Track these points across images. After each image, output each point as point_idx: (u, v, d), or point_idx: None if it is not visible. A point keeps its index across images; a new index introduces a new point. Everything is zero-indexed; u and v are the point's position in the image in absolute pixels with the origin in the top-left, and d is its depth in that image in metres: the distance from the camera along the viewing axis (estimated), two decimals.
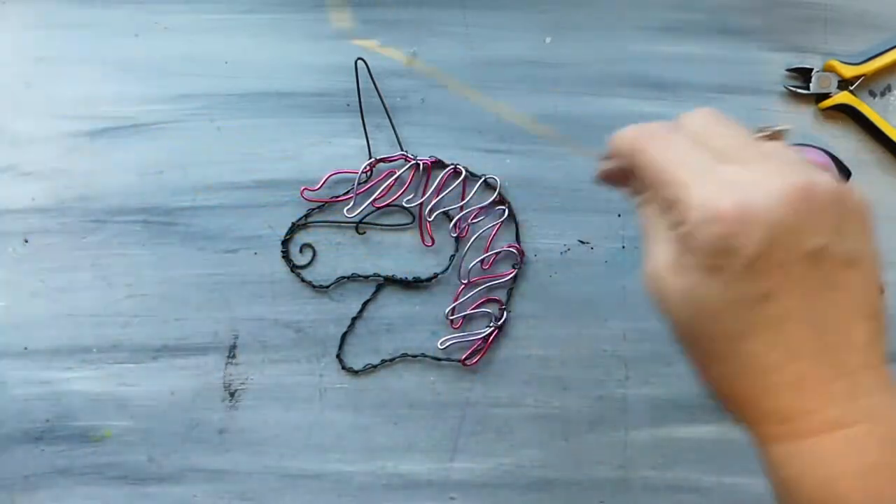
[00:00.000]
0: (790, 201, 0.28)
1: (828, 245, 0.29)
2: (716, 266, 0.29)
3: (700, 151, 0.31)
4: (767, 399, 0.30)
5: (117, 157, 0.51)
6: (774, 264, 0.28)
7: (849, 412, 0.29)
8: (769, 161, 0.30)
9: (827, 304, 0.29)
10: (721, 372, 0.31)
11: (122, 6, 0.52)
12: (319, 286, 0.52)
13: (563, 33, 0.53)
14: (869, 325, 0.30)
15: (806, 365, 0.29)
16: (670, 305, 0.32)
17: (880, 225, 0.55)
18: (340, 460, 0.52)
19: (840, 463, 0.29)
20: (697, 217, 0.29)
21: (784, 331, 0.29)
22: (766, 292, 0.29)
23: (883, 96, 0.53)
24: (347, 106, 0.52)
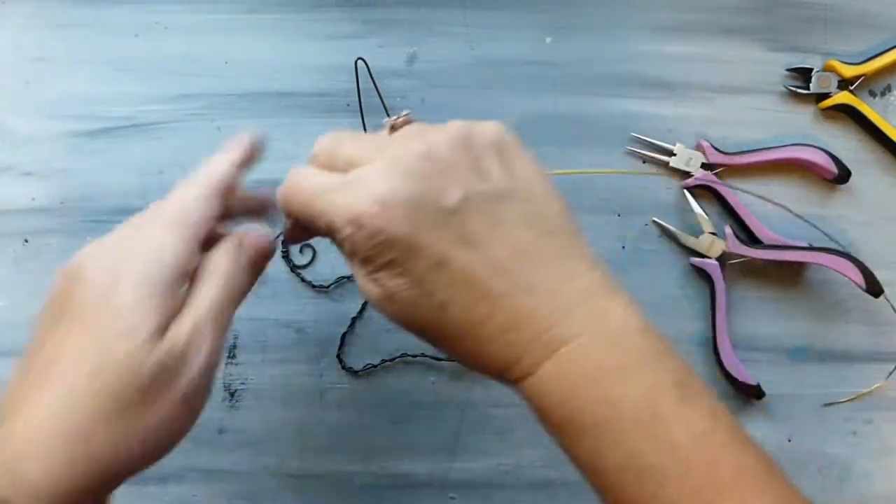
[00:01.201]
0: (411, 174, 0.29)
1: (469, 192, 0.30)
2: (386, 263, 0.30)
3: (327, 174, 0.32)
4: (494, 349, 0.31)
5: (117, 157, 0.51)
6: (430, 235, 0.29)
7: (565, 329, 0.30)
8: (388, 148, 0.31)
9: (497, 242, 0.30)
10: (451, 346, 0.32)
11: (122, 6, 0.52)
12: (319, 286, 0.52)
13: (563, 33, 0.53)
14: (552, 240, 0.31)
15: (508, 302, 0.30)
16: (385, 313, 0.32)
17: (880, 225, 0.55)
18: (340, 460, 0.52)
19: (570, 378, 0.30)
20: (347, 232, 0.30)
21: (472, 283, 0.30)
22: (437, 260, 0.29)
23: (883, 96, 0.53)
24: (347, 106, 0.52)
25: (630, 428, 0.29)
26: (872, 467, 0.54)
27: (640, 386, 0.30)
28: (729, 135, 0.53)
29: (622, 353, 0.30)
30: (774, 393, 0.53)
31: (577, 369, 0.30)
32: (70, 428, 0.28)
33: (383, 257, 0.30)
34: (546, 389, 0.31)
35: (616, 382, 0.30)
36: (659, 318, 0.52)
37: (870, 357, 0.54)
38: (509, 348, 0.31)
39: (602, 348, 0.30)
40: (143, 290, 0.30)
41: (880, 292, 0.50)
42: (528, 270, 0.30)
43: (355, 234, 0.30)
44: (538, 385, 0.31)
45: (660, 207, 0.53)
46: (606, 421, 0.29)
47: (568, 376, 0.30)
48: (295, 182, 0.33)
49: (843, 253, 0.51)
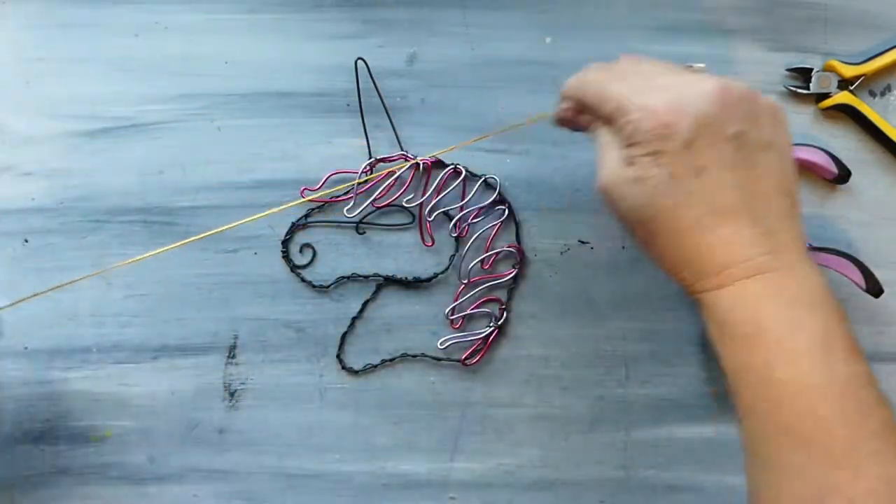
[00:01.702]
0: (711, 97, 0.36)
1: (745, 131, 0.36)
2: (657, 151, 0.36)
3: (633, 75, 0.39)
4: (704, 255, 0.36)
5: (117, 157, 0.51)
6: (704, 145, 0.35)
7: (770, 262, 0.36)
8: (691, 75, 0.38)
9: (751, 178, 0.36)
10: (667, 240, 0.37)
11: (122, 6, 0.52)
12: (319, 286, 0.52)
13: (563, 33, 0.53)
14: (785, 199, 0.37)
15: (734, 225, 0.36)
16: (623, 195, 0.37)
17: (880, 225, 0.55)
18: (340, 460, 0.52)
19: (763, 299, 0.35)
20: (639, 115, 0.36)
21: (715, 198, 0.36)
22: (699, 166, 0.36)
23: (883, 96, 0.53)
24: (347, 106, 0.52)
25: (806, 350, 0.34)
26: None
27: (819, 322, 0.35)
28: None
29: (811, 292, 0.36)
30: None
31: (771, 293, 0.35)
32: None
33: (657, 146, 0.36)
34: (733, 302, 0.36)
35: (804, 312, 0.35)
36: (659, 318, 0.53)
37: (870, 357, 0.53)
38: (719, 259, 0.36)
39: (796, 283, 0.36)
40: None
41: (880, 292, 0.50)
42: (762, 209, 0.36)
43: (644, 119, 0.36)
44: (727, 298, 0.36)
45: None
46: (788, 338, 0.35)
47: (763, 294, 0.35)
48: (599, 71, 0.40)
49: (843, 253, 0.51)
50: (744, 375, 0.36)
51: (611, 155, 0.38)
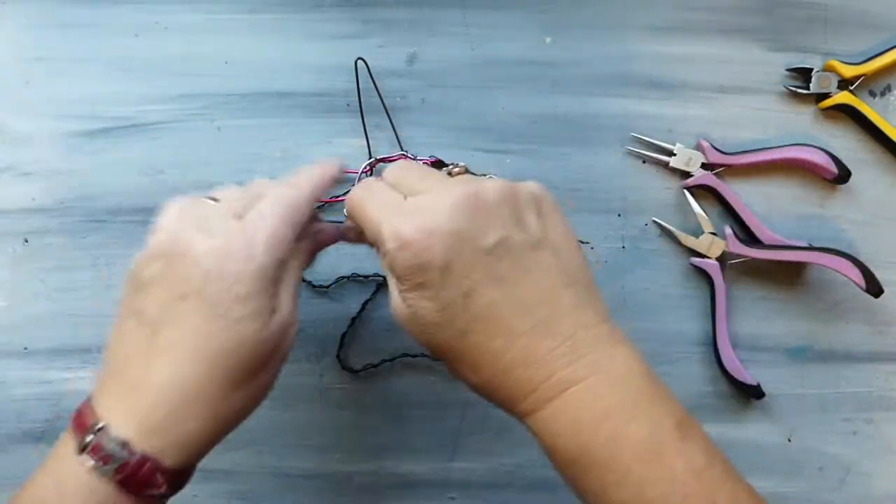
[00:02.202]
0: (459, 211, 0.33)
1: (506, 237, 0.33)
2: (419, 284, 0.33)
3: (391, 194, 0.36)
4: (506, 381, 0.34)
5: (117, 157, 0.51)
6: (463, 265, 0.33)
7: (575, 371, 0.33)
8: (446, 185, 0.35)
9: (525, 286, 0.33)
10: (465, 371, 0.35)
11: (122, 6, 0.52)
12: (319, 286, 0.52)
13: (563, 33, 0.53)
14: (573, 290, 0.34)
15: (526, 341, 0.33)
16: (410, 331, 0.36)
17: (880, 225, 0.55)
18: (340, 460, 0.52)
19: (578, 417, 0.33)
20: (391, 248, 0.33)
21: (495, 318, 0.33)
22: (466, 290, 0.33)
23: (883, 96, 0.53)
24: (347, 106, 0.52)
25: (634, 464, 0.32)
26: (872, 467, 0.54)
27: (643, 425, 0.32)
28: (729, 135, 0.53)
29: (627, 394, 0.33)
30: (774, 393, 0.53)
31: (584, 408, 0.33)
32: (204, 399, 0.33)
33: (417, 278, 0.33)
34: (554, 427, 0.34)
35: (621, 421, 0.32)
36: (659, 318, 0.53)
37: (870, 357, 0.54)
38: (521, 383, 0.33)
39: (608, 389, 0.33)
40: (261, 279, 0.34)
41: (880, 292, 0.50)
42: (547, 315, 0.33)
43: (397, 252, 0.33)
44: (546, 422, 0.34)
45: (660, 207, 0.53)
46: (612, 458, 0.32)
47: (575, 414, 0.33)
48: (364, 190, 0.37)
49: (843, 253, 0.51)
50: (584, 497, 0.34)
51: (391, 290, 0.36)
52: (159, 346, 0.34)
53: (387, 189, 0.36)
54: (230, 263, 0.33)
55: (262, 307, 0.34)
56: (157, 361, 0.33)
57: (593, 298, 0.35)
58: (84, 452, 0.33)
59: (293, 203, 0.36)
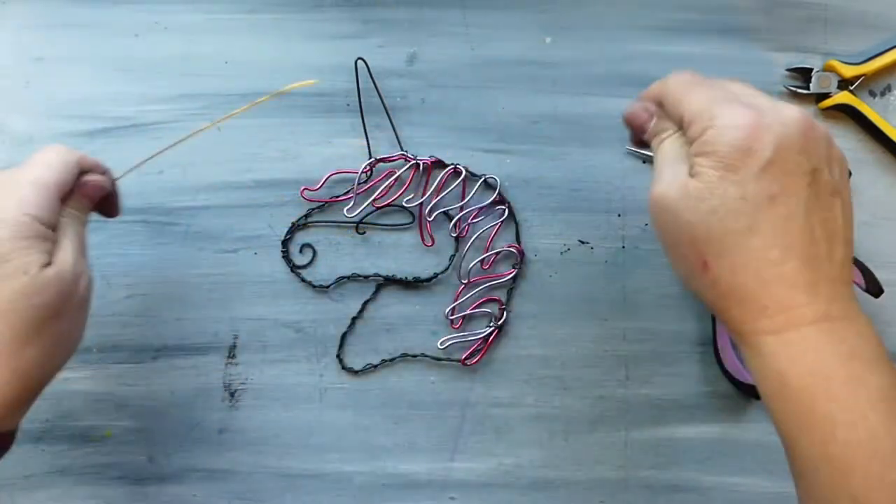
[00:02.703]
0: (799, 126, 0.34)
1: (821, 170, 0.34)
2: (734, 166, 0.33)
3: (720, 89, 0.37)
4: (766, 290, 0.34)
5: (117, 157, 0.51)
6: (783, 172, 0.33)
7: (832, 309, 0.34)
8: (779, 102, 0.36)
9: (819, 219, 0.34)
10: (726, 266, 0.34)
11: (122, 6, 0.52)
12: (319, 286, 0.52)
13: (563, 33, 0.53)
14: (846, 248, 0.35)
15: (799, 264, 0.33)
16: (680, 211, 0.35)
17: (880, 225, 0.55)
18: (340, 460, 0.52)
19: (826, 350, 0.33)
20: (723, 123, 0.34)
21: (785, 231, 0.34)
22: (774, 194, 0.33)
23: (883, 96, 0.53)
24: (347, 106, 0.52)
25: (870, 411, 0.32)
26: None
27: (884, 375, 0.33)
28: None
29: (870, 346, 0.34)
30: None
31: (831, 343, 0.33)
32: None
33: (736, 160, 0.33)
34: (793, 352, 0.34)
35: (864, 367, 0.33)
36: (659, 318, 0.53)
37: None
38: (777, 299, 0.34)
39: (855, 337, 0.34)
40: (19, 238, 0.36)
41: (880, 292, 0.50)
42: (827, 252, 0.34)
43: (727, 129, 0.34)
44: (787, 345, 0.34)
45: None
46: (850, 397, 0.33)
47: (820, 346, 0.33)
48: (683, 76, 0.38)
49: None
50: (804, 432, 0.34)
51: (674, 166, 0.36)
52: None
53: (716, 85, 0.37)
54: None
55: (26, 263, 0.36)
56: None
57: (851, 263, 0.36)
58: None
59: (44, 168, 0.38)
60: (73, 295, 0.38)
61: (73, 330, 0.39)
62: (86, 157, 0.41)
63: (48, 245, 0.37)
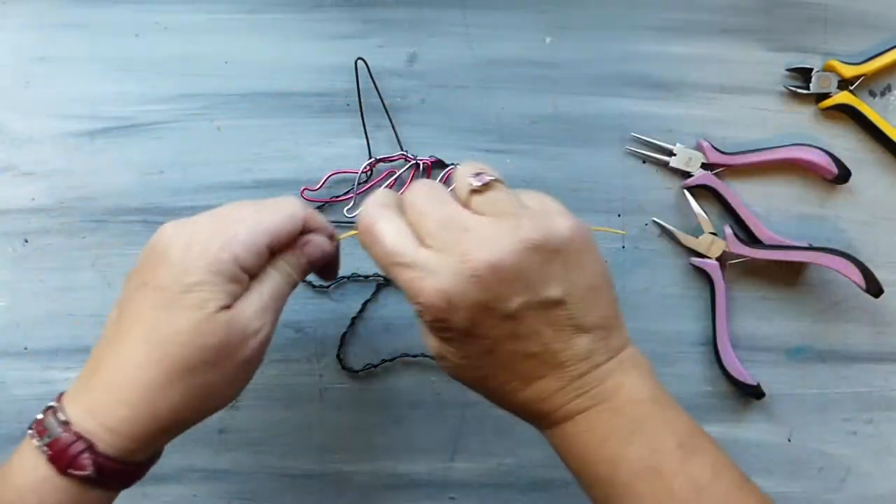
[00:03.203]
0: (481, 282, 0.33)
1: (528, 301, 0.34)
2: (444, 338, 0.35)
3: (407, 237, 0.35)
4: (522, 411, 0.37)
5: (117, 157, 0.51)
6: (486, 330, 0.34)
7: (582, 403, 0.36)
8: (463, 241, 0.34)
9: (543, 338, 0.35)
10: (488, 399, 0.38)
11: (122, 6, 0.52)
12: (319, 286, 0.52)
13: (563, 33, 0.53)
14: (588, 337, 0.35)
15: (540, 383, 0.36)
16: (441, 367, 0.38)
17: (880, 225, 0.55)
18: (340, 460, 0.52)
19: (582, 439, 0.36)
20: (416, 306, 0.34)
21: (512, 367, 0.35)
22: (487, 349, 0.35)
23: (883, 96, 0.53)
24: (347, 106, 0.52)
25: (634, 481, 0.34)
26: (872, 467, 0.54)
27: (642, 446, 0.35)
28: (729, 135, 0.53)
29: (627, 420, 0.35)
30: (774, 393, 0.53)
31: (588, 431, 0.36)
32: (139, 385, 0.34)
33: (442, 334, 0.35)
34: (565, 443, 0.37)
35: (620, 444, 0.35)
36: (659, 318, 0.53)
37: (870, 357, 0.54)
38: (535, 413, 0.37)
39: (609, 417, 0.35)
40: (212, 274, 0.34)
41: (880, 292, 0.50)
42: (562, 360, 0.35)
43: (421, 311, 0.34)
44: (559, 439, 0.37)
45: (660, 207, 0.53)
46: (612, 475, 0.35)
47: (582, 437, 0.36)
48: (375, 232, 0.36)
49: (843, 253, 0.51)
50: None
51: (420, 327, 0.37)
52: (119, 330, 0.35)
53: (401, 226, 0.35)
54: (185, 253, 0.34)
55: (206, 300, 0.34)
56: (112, 345, 0.35)
57: (610, 337, 0.36)
58: (31, 429, 0.35)
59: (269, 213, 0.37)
60: (237, 349, 0.35)
61: (224, 386, 0.36)
62: (315, 216, 0.39)
63: (237, 289, 0.35)
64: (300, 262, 0.39)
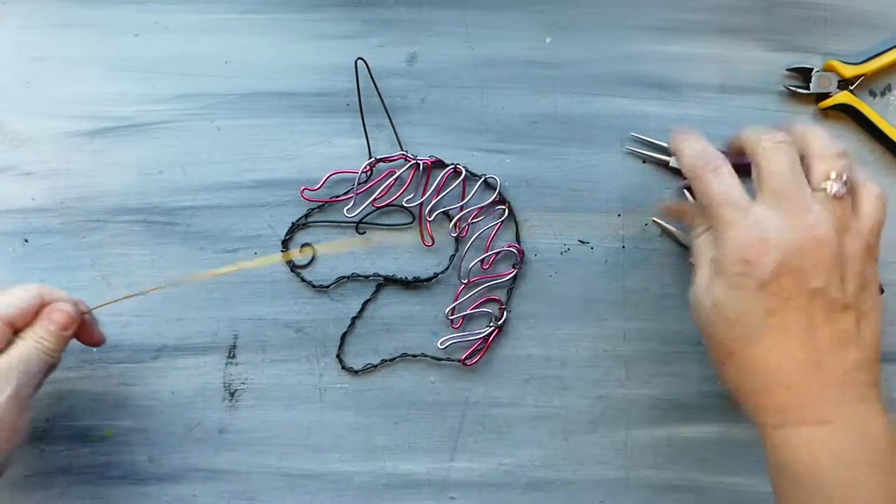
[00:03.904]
0: (800, 248, 0.36)
1: (825, 289, 0.36)
2: (737, 284, 0.37)
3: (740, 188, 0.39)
4: (766, 392, 0.37)
5: (117, 157, 0.51)
6: (780, 290, 0.36)
7: (833, 413, 0.36)
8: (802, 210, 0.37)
9: (824, 331, 0.36)
10: (733, 369, 0.38)
11: (122, 6, 0.52)
12: (319, 286, 0.52)
13: (563, 33, 0.53)
14: (860, 354, 0.37)
15: (798, 370, 0.36)
16: (702, 315, 0.39)
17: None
18: (340, 460, 0.52)
19: (822, 451, 0.36)
20: (729, 245, 0.37)
21: (782, 341, 0.36)
22: (771, 308, 0.36)
23: (883, 96, 0.53)
24: (347, 106, 0.52)
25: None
26: None
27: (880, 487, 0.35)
28: (729, 135, 0.53)
29: (871, 453, 0.36)
30: None
31: (828, 448, 0.36)
32: None
33: (740, 270, 0.37)
34: (793, 449, 0.37)
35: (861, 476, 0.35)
36: (659, 318, 0.53)
37: None
38: (780, 401, 0.37)
39: (856, 442, 0.36)
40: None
41: (880, 292, 0.50)
42: (827, 360, 0.37)
43: (731, 251, 0.37)
44: (789, 440, 0.37)
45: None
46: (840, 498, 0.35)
47: (819, 449, 0.36)
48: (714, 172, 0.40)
49: None
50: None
51: (702, 271, 0.40)
52: None
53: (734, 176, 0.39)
54: None
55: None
56: None
57: (873, 368, 0.38)
58: None
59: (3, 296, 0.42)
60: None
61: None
62: (55, 293, 0.44)
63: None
64: (48, 329, 0.43)
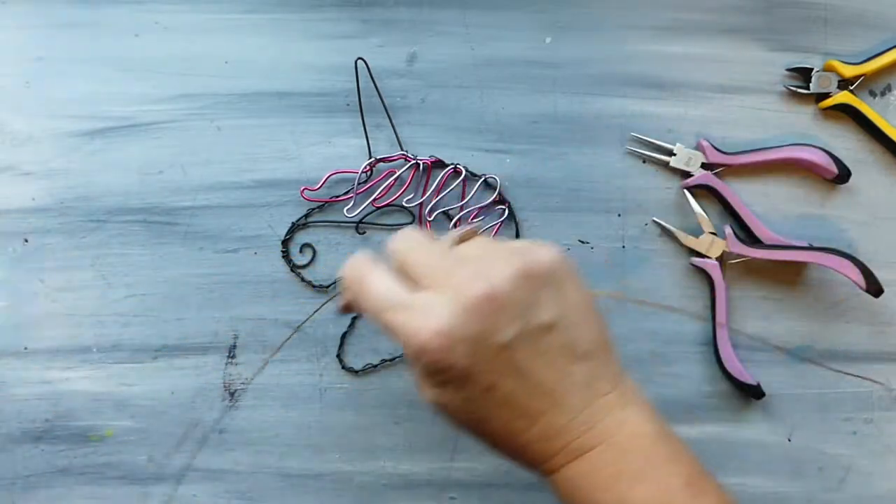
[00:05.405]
0: (474, 314, 0.33)
1: (522, 328, 0.34)
2: (442, 381, 0.34)
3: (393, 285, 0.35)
4: (525, 453, 0.36)
5: (117, 157, 0.51)
6: (484, 365, 0.34)
7: (587, 441, 0.35)
8: (454, 276, 0.34)
9: (541, 369, 0.35)
10: (491, 445, 0.37)
11: (122, 6, 0.52)
12: (319, 286, 0.52)
13: (563, 33, 0.53)
14: (585, 366, 0.35)
15: (542, 420, 0.35)
16: (434, 412, 0.37)
17: (880, 225, 0.55)
18: (340, 460, 0.52)
19: (588, 480, 0.35)
20: (410, 352, 0.34)
21: (514, 404, 0.35)
22: (487, 386, 0.34)
23: (883, 96, 0.53)
24: (347, 106, 0.52)
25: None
26: (872, 467, 0.54)
27: (650, 487, 0.35)
28: (729, 135, 0.53)
29: (634, 459, 0.35)
30: (774, 393, 0.53)
31: (594, 473, 0.35)
32: None
33: (439, 377, 0.34)
34: (568, 489, 0.36)
35: (629, 485, 0.35)
36: (659, 318, 0.53)
37: (870, 357, 0.54)
38: (538, 454, 0.36)
39: (616, 456, 0.35)
40: None
41: (880, 292, 0.50)
42: (561, 393, 0.35)
43: (418, 354, 0.33)
44: (563, 482, 0.36)
45: (660, 207, 0.53)
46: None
47: (588, 479, 0.35)
48: (365, 283, 0.36)
49: (843, 253, 0.51)
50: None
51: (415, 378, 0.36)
52: None
53: (389, 275, 0.36)
54: None
55: None
56: None
57: (606, 366, 0.36)
58: None
59: None
60: None
61: None
62: None
63: None
64: None
